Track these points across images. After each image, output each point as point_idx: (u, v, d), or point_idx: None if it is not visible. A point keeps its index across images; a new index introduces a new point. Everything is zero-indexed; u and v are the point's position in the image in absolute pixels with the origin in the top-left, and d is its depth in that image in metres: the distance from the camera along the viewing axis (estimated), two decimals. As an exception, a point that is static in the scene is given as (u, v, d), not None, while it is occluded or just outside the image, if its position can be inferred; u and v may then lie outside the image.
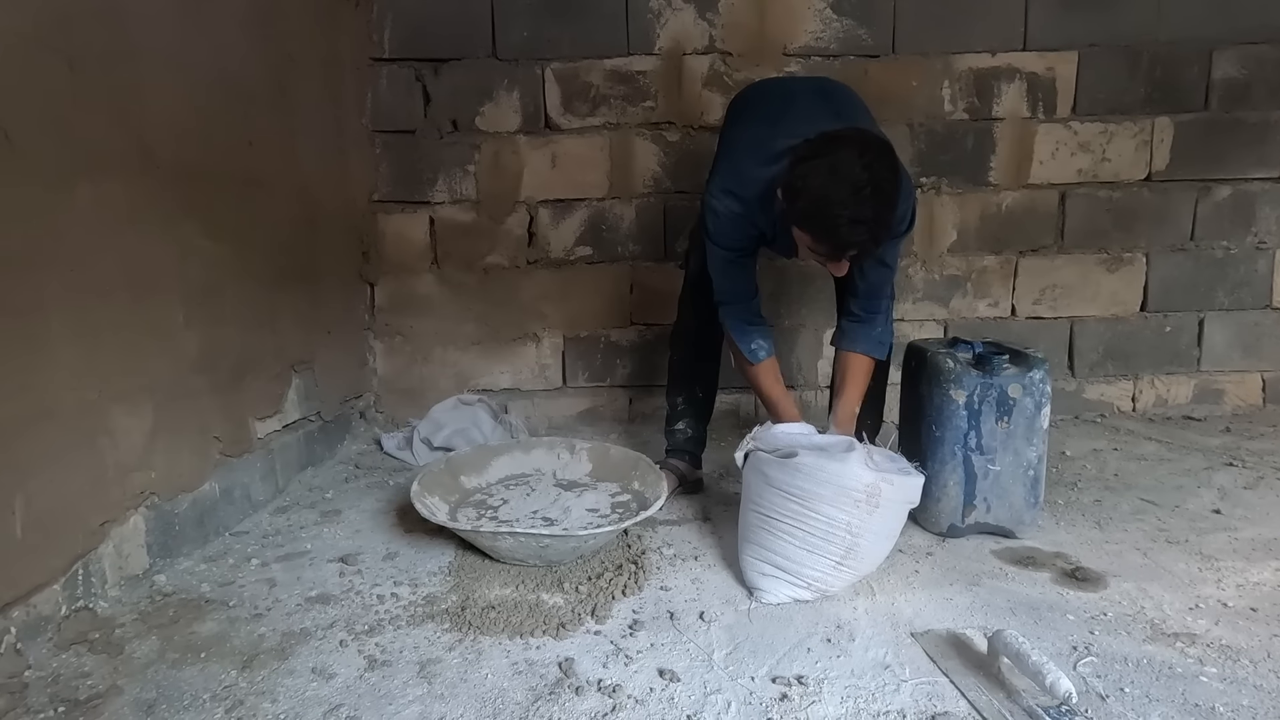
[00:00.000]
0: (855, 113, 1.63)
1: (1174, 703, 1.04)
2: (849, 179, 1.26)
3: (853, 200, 1.27)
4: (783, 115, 1.57)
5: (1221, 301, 2.55)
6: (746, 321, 1.65)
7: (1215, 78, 2.43)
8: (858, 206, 1.27)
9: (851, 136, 1.33)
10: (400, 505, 1.75)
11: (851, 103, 1.67)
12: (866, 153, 1.29)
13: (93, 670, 1.11)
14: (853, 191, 1.26)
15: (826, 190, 1.28)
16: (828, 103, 1.60)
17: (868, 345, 1.62)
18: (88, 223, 1.26)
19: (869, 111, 1.69)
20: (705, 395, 1.92)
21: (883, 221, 1.32)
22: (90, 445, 1.28)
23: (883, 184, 1.28)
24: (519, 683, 1.09)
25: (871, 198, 1.27)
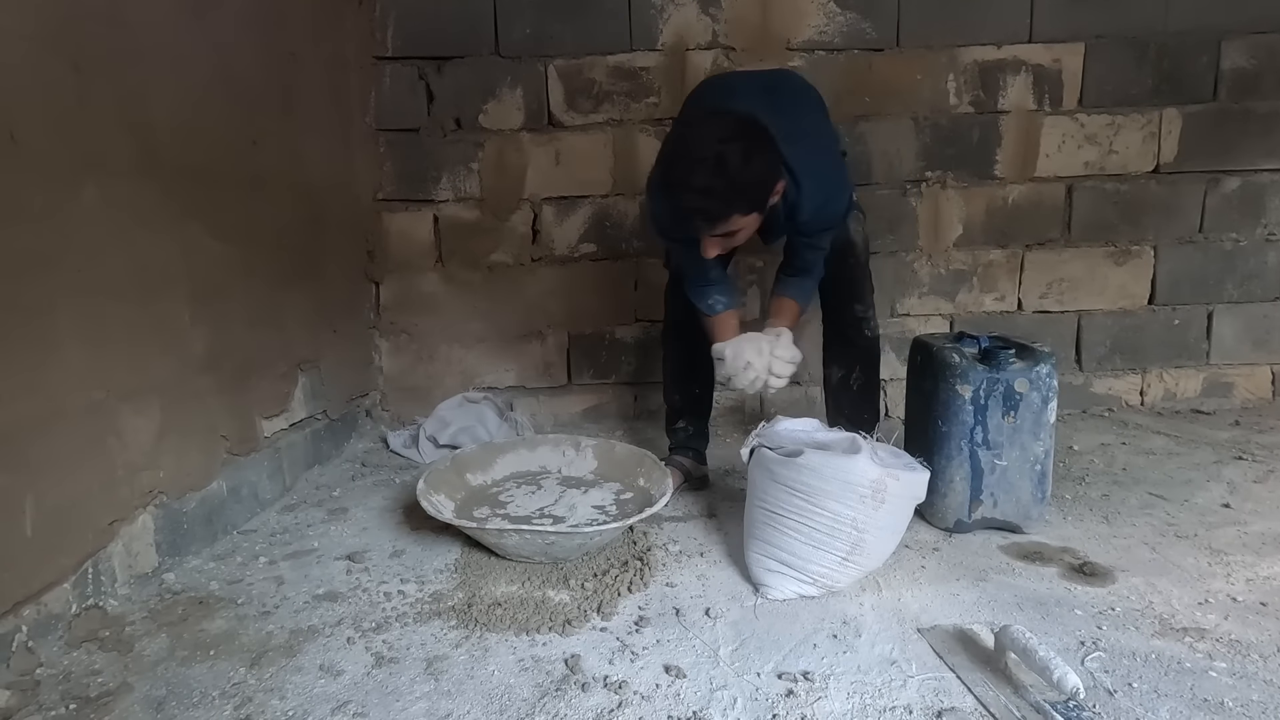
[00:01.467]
0: (798, 108, 1.61)
1: (1183, 698, 1.03)
2: (697, 149, 1.33)
3: (693, 167, 1.33)
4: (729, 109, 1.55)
5: (1231, 294, 2.53)
6: (705, 284, 1.68)
7: (1224, 68, 2.41)
8: (692, 174, 1.33)
9: (729, 116, 1.40)
10: (407, 503, 1.76)
11: (796, 101, 1.64)
12: (730, 131, 1.35)
13: (103, 668, 1.12)
14: (696, 160, 1.33)
15: (675, 155, 1.36)
16: (769, 97, 1.58)
17: (797, 293, 1.71)
18: (94, 223, 1.27)
19: (817, 110, 1.67)
20: (702, 391, 1.92)
21: (715, 194, 1.35)
22: (99, 445, 1.28)
23: (727, 161, 1.32)
24: (525, 679, 1.10)
25: (710, 170, 1.32)
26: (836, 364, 1.90)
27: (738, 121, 1.38)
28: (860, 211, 1.81)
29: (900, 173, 2.44)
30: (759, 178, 1.39)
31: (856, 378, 1.87)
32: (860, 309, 1.82)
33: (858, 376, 1.87)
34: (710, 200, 1.36)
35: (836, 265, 1.79)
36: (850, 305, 1.82)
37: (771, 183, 1.43)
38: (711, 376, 1.93)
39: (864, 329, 1.83)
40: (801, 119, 1.57)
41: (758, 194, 1.41)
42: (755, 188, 1.40)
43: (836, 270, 1.80)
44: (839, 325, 1.86)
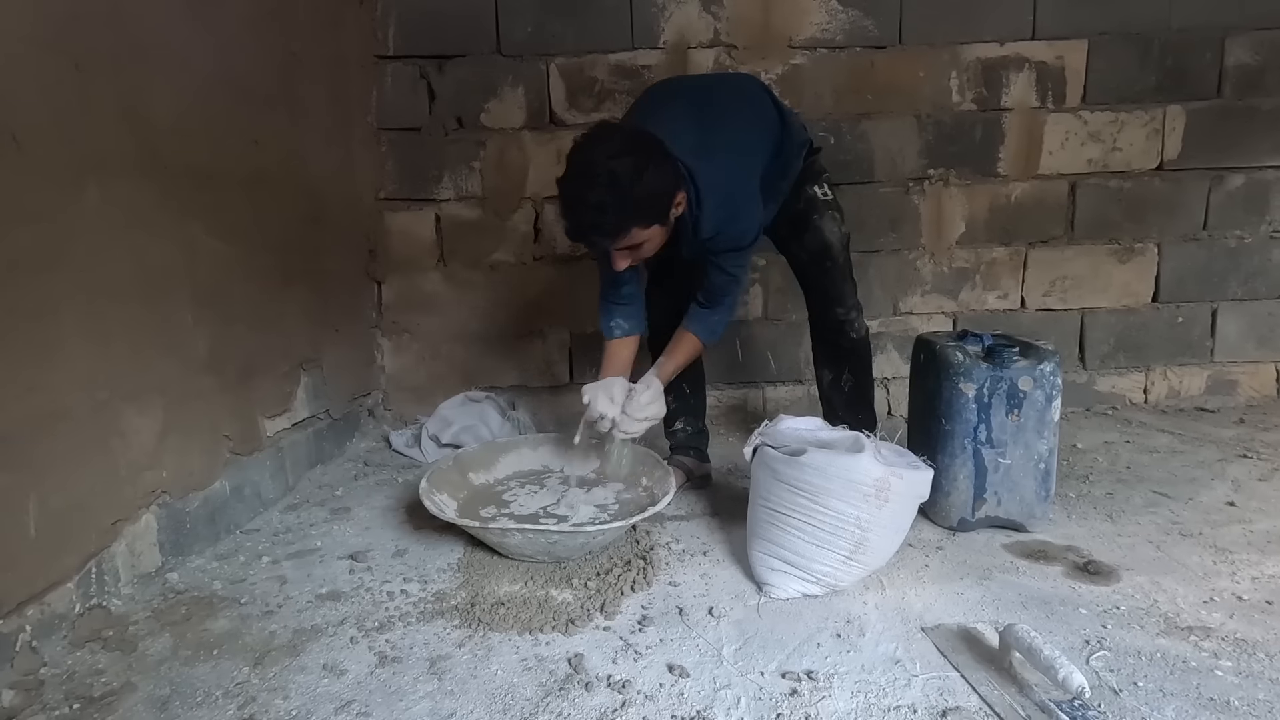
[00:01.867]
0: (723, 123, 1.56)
1: (1188, 697, 1.03)
2: (590, 164, 1.35)
3: (585, 182, 1.35)
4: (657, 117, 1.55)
5: (1235, 291, 2.52)
6: (614, 302, 1.69)
7: (1228, 64, 2.40)
8: (585, 189, 1.34)
9: (622, 131, 1.43)
10: (409, 502, 1.76)
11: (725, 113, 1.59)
12: (622, 146, 1.36)
13: (107, 667, 1.12)
14: (589, 176, 1.34)
15: (570, 170, 1.38)
16: (698, 108, 1.57)
17: (700, 327, 1.67)
18: (97, 224, 1.27)
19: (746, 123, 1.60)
20: (693, 390, 1.92)
21: (608, 210, 1.35)
22: (102, 445, 1.29)
23: (618, 176, 1.33)
24: (529, 679, 1.09)
25: (603, 185, 1.33)
26: (825, 367, 1.89)
27: (626, 136, 1.40)
28: (838, 212, 1.77)
29: (903, 171, 2.44)
30: (653, 190, 1.38)
31: (846, 379, 1.86)
32: (842, 312, 1.79)
33: (848, 378, 1.86)
34: (605, 215, 1.36)
35: (813, 270, 1.79)
36: (831, 309, 1.80)
37: (669, 194, 1.42)
38: (700, 375, 1.93)
39: (848, 331, 1.81)
40: (720, 133, 1.53)
41: (654, 206, 1.41)
42: (650, 200, 1.39)
43: (814, 275, 1.79)
44: (823, 329, 1.86)
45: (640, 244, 1.46)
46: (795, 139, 1.70)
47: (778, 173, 1.67)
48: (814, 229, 1.74)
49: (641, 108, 1.65)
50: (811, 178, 1.76)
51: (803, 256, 1.80)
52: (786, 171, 1.70)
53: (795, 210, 1.75)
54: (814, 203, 1.75)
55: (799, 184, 1.74)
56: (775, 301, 2.50)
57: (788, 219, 1.77)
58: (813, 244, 1.75)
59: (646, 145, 1.39)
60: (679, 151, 1.44)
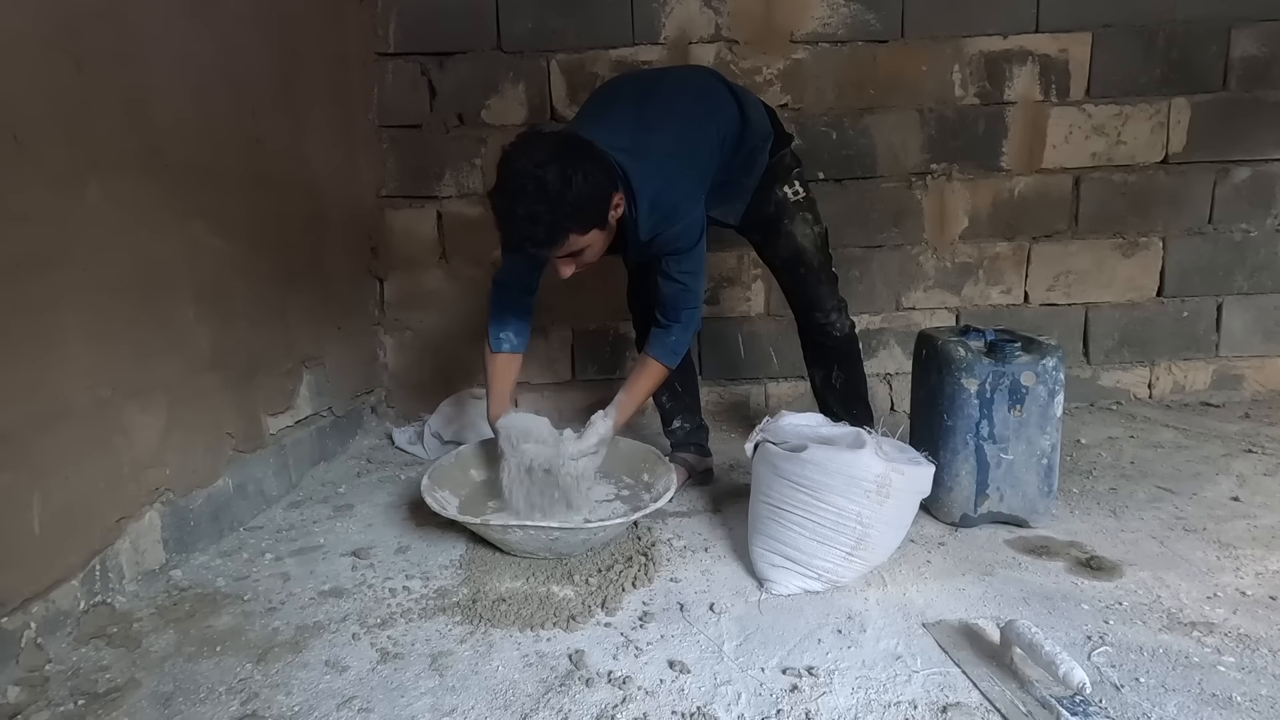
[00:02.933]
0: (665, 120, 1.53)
1: (1190, 692, 1.03)
2: (518, 174, 1.31)
3: (514, 193, 1.31)
4: (597, 117, 1.54)
5: (1241, 285, 2.50)
6: (511, 312, 1.65)
7: (1234, 56, 2.38)
8: (515, 200, 1.31)
9: (550, 137, 1.39)
10: (412, 499, 1.76)
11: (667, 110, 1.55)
12: (550, 154, 1.32)
13: (111, 664, 1.13)
14: (517, 186, 1.31)
15: (499, 180, 1.34)
16: (641, 109, 1.54)
17: (659, 351, 1.61)
18: (98, 222, 1.27)
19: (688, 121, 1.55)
20: (685, 388, 1.92)
21: (541, 220, 1.32)
22: (105, 443, 1.29)
23: (546, 185, 1.29)
24: (530, 675, 1.10)
25: (531, 194, 1.30)
26: (814, 365, 1.89)
27: (552, 142, 1.37)
28: (810, 212, 1.73)
29: (905, 165, 2.43)
30: (584, 195, 1.34)
31: (837, 376, 1.86)
32: (820, 316, 1.78)
33: (838, 375, 1.86)
34: (537, 226, 1.33)
35: (788, 276, 1.78)
36: (810, 314, 1.79)
37: (603, 196, 1.38)
38: (691, 372, 1.93)
39: (831, 332, 1.79)
40: (658, 130, 1.50)
41: (588, 210, 1.37)
42: (583, 205, 1.35)
43: (789, 281, 1.78)
44: (807, 331, 1.85)
45: (581, 250, 1.42)
46: (757, 132, 1.65)
47: (740, 168, 1.64)
48: (786, 235, 1.72)
49: (587, 107, 1.63)
50: (781, 176, 1.71)
51: (776, 264, 1.79)
52: (751, 167, 1.66)
53: (766, 215, 1.72)
54: (784, 206, 1.71)
55: (767, 183, 1.70)
56: (777, 297, 2.48)
57: (759, 224, 1.74)
58: (785, 251, 1.73)
59: (573, 148, 1.36)
60: (613, 151, 1.41)
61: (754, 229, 1.77)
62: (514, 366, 1.68)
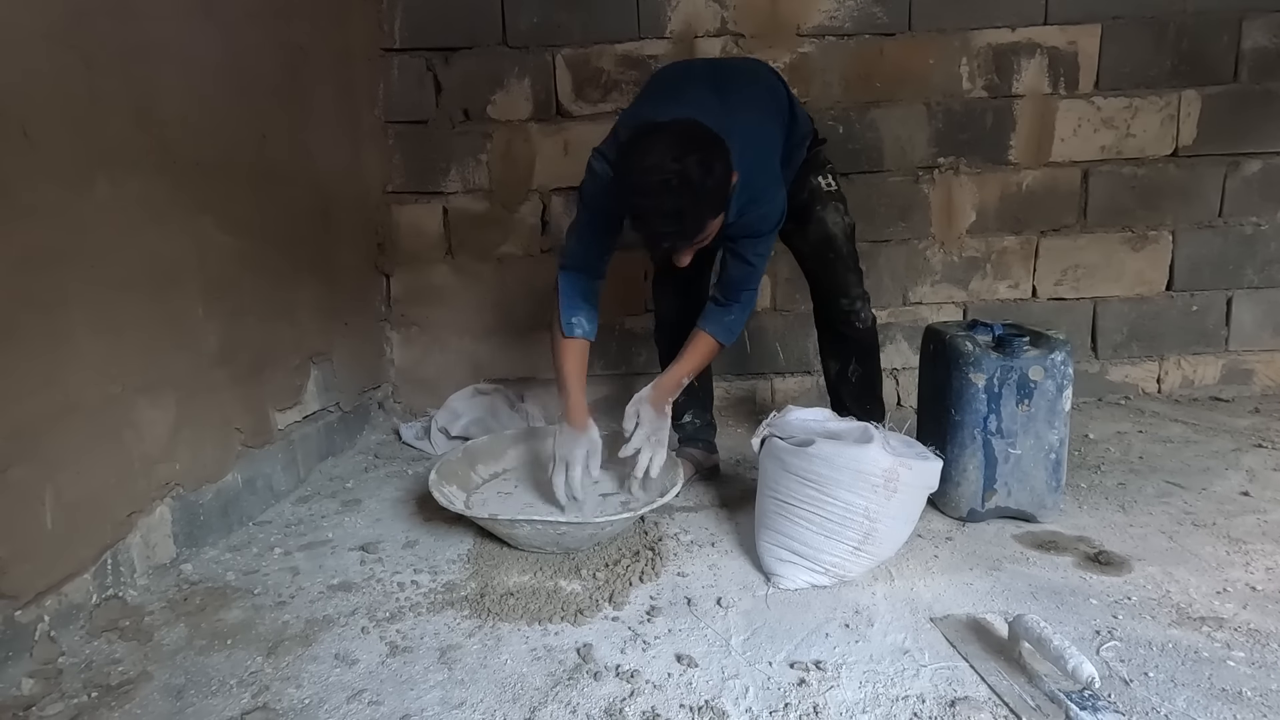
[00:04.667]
0: (745, 103, 1.54)
1: (1200, 687, 1.02)
2: (656, 170, 1.27)
3: (657, 190, 1.28)
4: (670, 99, 1.52)
5: (1251, 279, 2.48)
6: (581, 296, 1.63)
7: (1245, 48, 2.35)
8: (660, 198, 1.28)
9: (674, 127, 1.33)
10: (419, 494, 1.77)
11: (749, 92, 1.58)
12: (682, 144, 1.28)
13: (124, 657, 1.14)
14: (660, 183, 1.27)
15: (634, 179, 1.30)
16: (719, 92, 1.53)
17: (716, 328, 1.62)
18: (107, 218, 1.28)
19: (762, 104, 1.58)
20: (700, 383, 1.90)
21: (688, 214, 1.31)
22: (115, 438, 1.30)
23: (690, 177, 1.27)
24: (538, 668, 1.10)
25: (676, 190, 1.27)
26: (832, 358, 1.88)
27: (684, 132, 1.33)
28: (841, 202, 1.75)
29: (912, 159, 2.41)
30: (721, 180, 1.33)
31: (854, 370, 1.85)
32: (846, 302, 1.77)
33: (855, 369, 1.85)
34: (683, 221, 1.32)
35: (816, 261, 1.77)
36: (835, 300, 1.78)
37: (729, 180, 1.37)
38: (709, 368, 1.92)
39: (854, 321, 1.79)
40: (740, 114, 1.50)
41: (721, 196, 1.36)
42: (719, 192, 1.35)
43: (817, 266, 1.78)
44: (828, 320, 1.84)
45: (708, 236, 1.42)
46: (801, 127, 1.69)
47: (783, 159, 1.65)
48: (817, 220, 1.73)
49: (658, 90, 1.61)
50: (816, 168, 1.74)
51: (805, 249, 1.78)
52: (791, 159, 1.68)
53: (799, 201, 1.73)
54: (817, 193, 1.73)
55: (803, 174, 1.73)
56: (784, 292, 2.49)
57: (791, 210, 1.73)
58: (815, 236, 1.74)
59: (704, 138, 1.32)
60: None
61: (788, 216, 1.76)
62: (585, 354, 1.66)
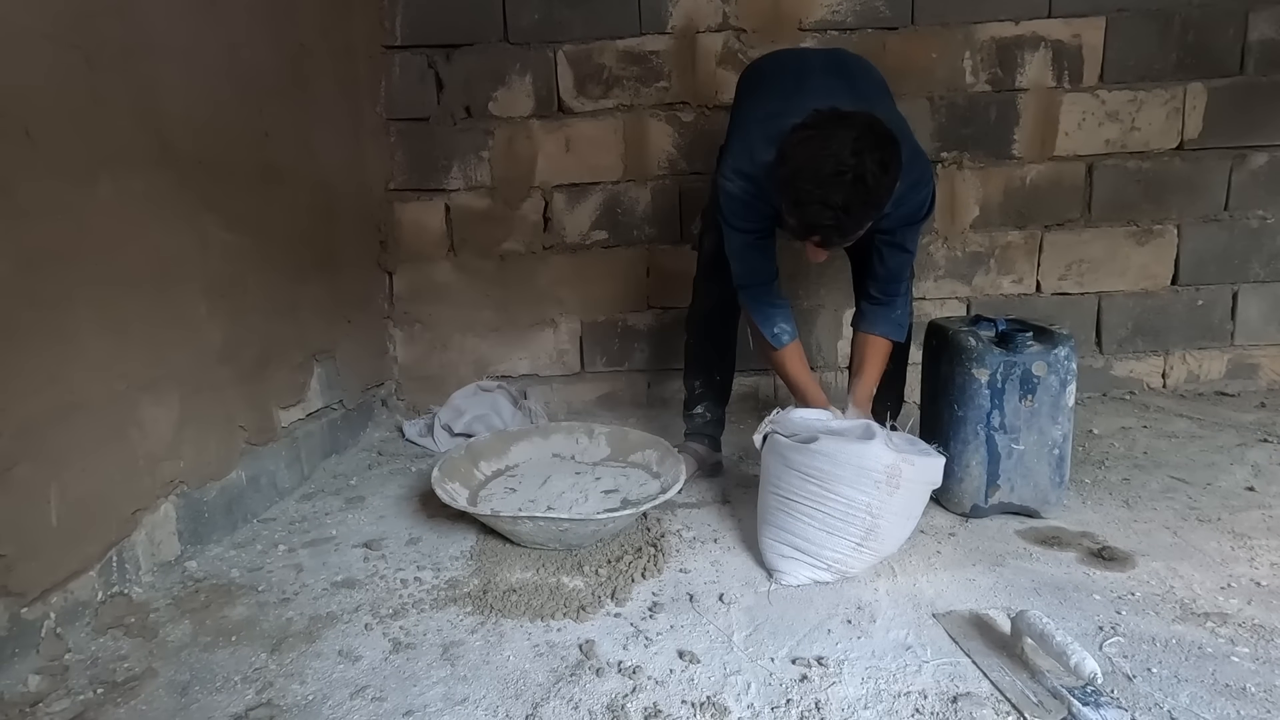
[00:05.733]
0: (873, 90, 1.57)
1: (1203, 683, 1.02)
2: (833, 160, 1.23)
3: (829, 181, 1.24)
4: (797, 90, 1.51)
5: (1257, 273, 2.47)
6: (769, 304, 1.61)
7: (1251, 40, 2.33)
8: (830, 189, 1.24)
9: (857, 120, 1.28)
10: (422, 491, 1.77)
11: (870, 79, 1.62)
12: (863, 139, 1.24)
13: (129, 653, 1.15)
14: (833, 174, 1.23)
15: (806, 164, 1.25)
16: (845, 79, 1.54)
17: (886, 328, 1.60)
18: (110, 216, 1.28)
19: (887, 88, 1.64)
20: (723, 378, 1.91)
21: (853, 211, 1.27)
22: (120, 436, 1.31)
23: (865, 175, 1.23)
24: (540, 664, 1.10)
25: (849, 185, 1.23)
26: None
27: (865, 125, 1.27)
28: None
29: (915, 154, 2.40)
30: (892, 184, 1.28)
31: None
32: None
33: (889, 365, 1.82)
34: (849, 217, 1.27)
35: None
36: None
37: (898, 182, 1.31)
38: (734, 363, 1.91)
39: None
40: (877, 103, 1.47)
41: (887, 198, 1.31)
42: (887, 193, 1.29)
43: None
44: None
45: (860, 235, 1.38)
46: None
47: None
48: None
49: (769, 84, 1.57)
50: None
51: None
52: None
53: None
54: None
55: None
56: (786, 288, 2.45)
57: None
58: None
59: (885, 136, 1.27)
60: None
61: None
62: (802, 353, 1.64)
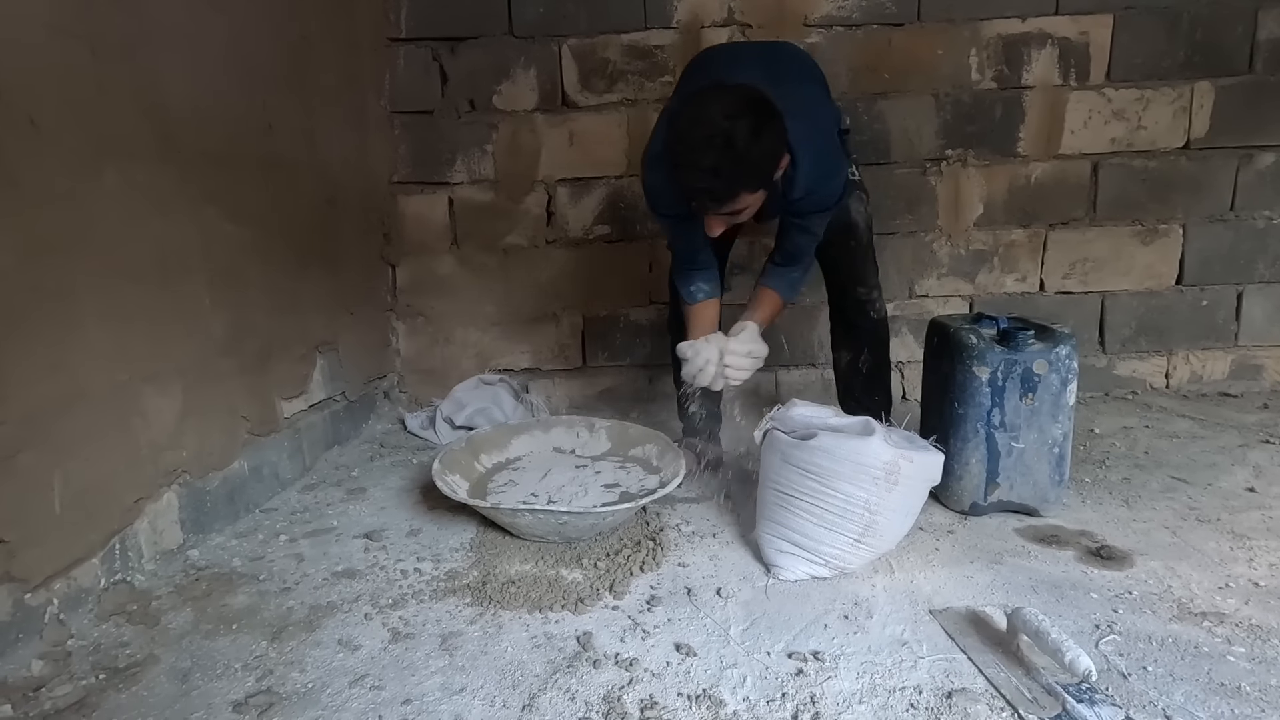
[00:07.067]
0: (795, 78, 1.55)
1: (1199, 681, 1.02)
2: (705, 125, 1.28)
3: (700, 145, 1.29)
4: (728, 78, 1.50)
5: (1262, 274, 2.46)
6: (692, 266, 1.65)
7: (1260, 38, 2.32)
8: (700, 153, 1.29)
9: (738, 90, 1.34)
10: (423, 483, 1.78)
11: (799, 71, 1.60)
12: (737, 106, 1.30)
13: (131, 640, 1.16)
14: (704, 138, 1.29)
15: (683, 131, 1.31)
16: (768, 70, 1.53)
17: (780, 284, 1.65)
18: (114, 207, 1.29)
19: (819, 81, 1.63)
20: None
21: (723, 173, 1.31)
22: (123, 425, 1.32)
23: (735, 140, 1.27)
24: (538, 655, 1.11)
25: (719, 148, 1.28)
26: (844, 348, 1.88)
27: (744, 95, 1.34)
28: (863, 192, 1.77)
29: (920, 151, 2.40)
30: (767, 153, 1.34)
31: (865, 360, 1.85)
32: (863, 291, 1.78)
33: (866, 359, 1.85)
34: (718, 180, 1.32)
35: (837, 248, 1.77)
36: (853, 288, 1.79)
37: (778, 158, 1.39)
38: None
39: (869, 311, 1.80)
40: (801, 92, 1.51)
41: (766, 170, 1.38)
42: (763, 164, 1.35)
43: (837, 253, 1.78)
44: (843, 309, 1.84)
45: (741, 210, 1.42)
46: (834, 112, 1.69)
47: None
48: (841, 208, 1.71)
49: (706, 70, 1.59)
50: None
51: (827, 235, 1.76)
52: None
53: None
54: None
55: None
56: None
57: None
58: (839, 222, 1.72)
59: (762, 106, 1.33)
60: None
61: None
62: (712, 309, 1.67)
